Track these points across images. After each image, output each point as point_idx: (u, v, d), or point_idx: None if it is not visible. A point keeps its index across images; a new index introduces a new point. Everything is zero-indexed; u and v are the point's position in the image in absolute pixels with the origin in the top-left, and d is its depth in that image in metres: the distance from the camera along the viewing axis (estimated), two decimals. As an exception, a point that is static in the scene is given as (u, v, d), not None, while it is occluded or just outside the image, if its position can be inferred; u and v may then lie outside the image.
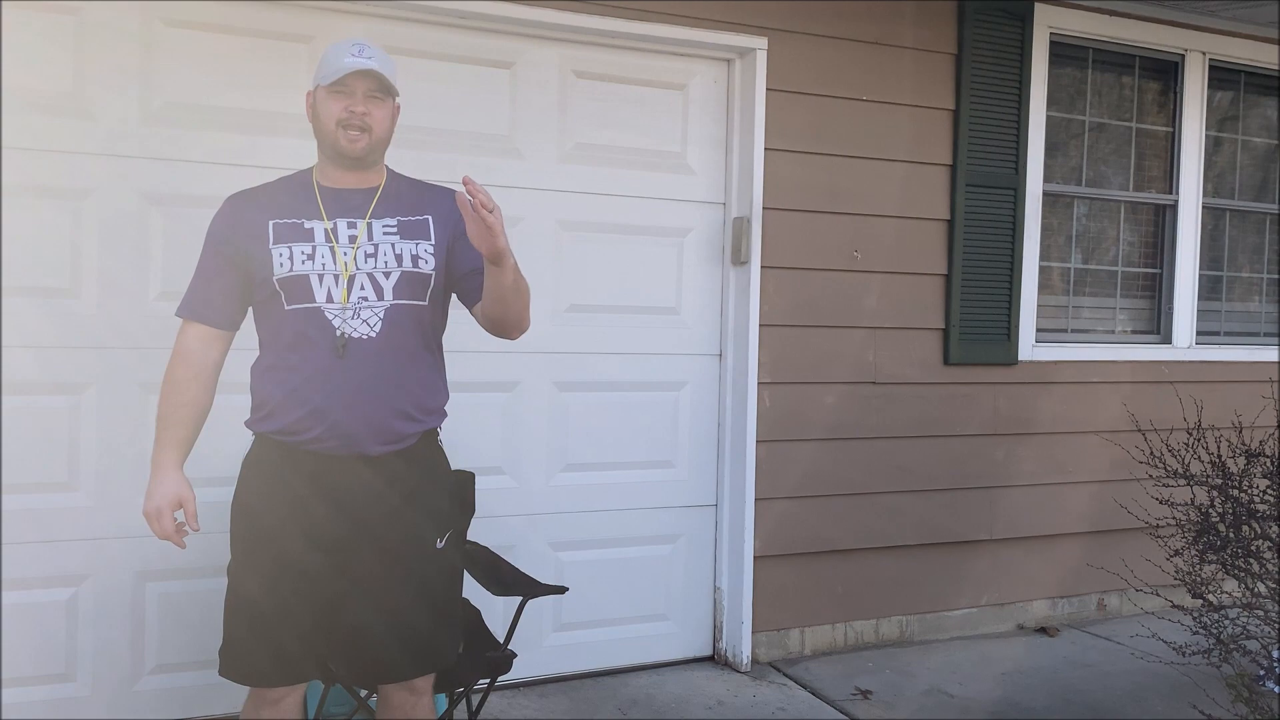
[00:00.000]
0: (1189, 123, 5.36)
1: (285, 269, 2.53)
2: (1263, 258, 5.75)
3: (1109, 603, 5.30)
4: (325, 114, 2.57)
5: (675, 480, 4.45)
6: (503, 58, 4.04)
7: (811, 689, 4.27)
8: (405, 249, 2.58)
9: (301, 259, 2.53)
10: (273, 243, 2.54)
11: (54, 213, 3.47)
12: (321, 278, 2.52)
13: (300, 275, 2.52)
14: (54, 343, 3.49)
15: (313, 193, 2.62)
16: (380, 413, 2.54)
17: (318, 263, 2.53)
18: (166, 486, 2.59)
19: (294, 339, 2.54)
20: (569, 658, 4.28)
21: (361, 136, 2.56)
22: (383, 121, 2.60)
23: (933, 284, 4.74)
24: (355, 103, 2.55)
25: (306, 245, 2.54)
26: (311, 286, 2.52)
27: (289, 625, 2.54)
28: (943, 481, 4.84)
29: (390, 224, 2.60)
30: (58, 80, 3.46)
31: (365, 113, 2.55)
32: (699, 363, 4.46)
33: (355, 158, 2.59)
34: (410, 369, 2.59)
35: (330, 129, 2.57)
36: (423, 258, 2.59)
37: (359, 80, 2.55)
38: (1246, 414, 4.36)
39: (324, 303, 2.52)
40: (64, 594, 3.55)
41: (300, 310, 2.53)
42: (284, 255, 2.53)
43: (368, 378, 2.52)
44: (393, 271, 2.56)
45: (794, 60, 4.39)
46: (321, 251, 2.54)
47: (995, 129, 4.78)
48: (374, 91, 2.57)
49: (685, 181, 4.38)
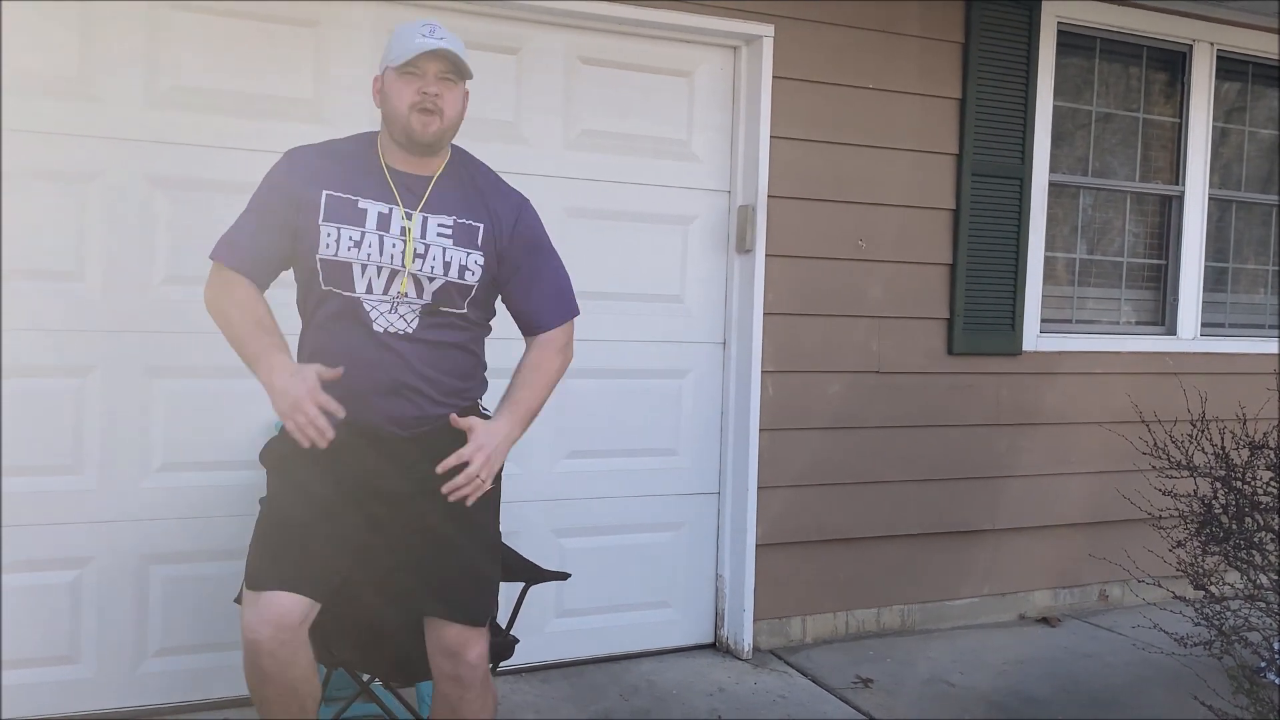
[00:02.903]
0: (1196, 113, 5.35)
1: (330, 251, 2.47)
2: (1268, 250, 5.73)
3: (1111, 593, 5.31)
4: (396, 97, 2.49)
5: (678, 468, 4.45)
6: (509, 43, 4.04)
7: (813, 677, 4.28)
8: (455, 257, 2.52)
9: (349, 245, 2.46)
10: (323, 218, 2.48)
11: (59, 196, 3.48)
12: (364, 268, 2.47)
13: (343, 261, 2.47)
14: (59, 326, 3.50)
15: (376, 168, 2.54)
16: (415, 402, 2.52)
17: (364, 251, 2.46)
18: (299, 370, 2.38)
19: (328, 322, 2.51)
20: (571, 644, 4.29)
21: (433, 119, 2.48)
22: (454, 105, 2.53)
23: (937, 273, 4.73)
24: (428, 84, 2.48)
25: (355, 230, 2.47)
26: (353, 275, 2.47)
27: (318, 545, 2.47)
28: (945, 471, 4.84)
29: (445, 224, 2.53)
30: (63, 63, 3.46)
31: (438, 94, 2.48)
32: (703, 351, 4.46)
33: (427, 143, 2.52)
34: (444, 362, 2.56)
35: (403, 112, 2.48)
36: (470, 269, 2.54)
37: (431, 61, 2.48)
38: (1250, 406, 4.36)
39: (363, 293, 2.48)
40: (68, 576, 3.56)
41: (336, 295, 2.49)
42: (331, 236, 2.46)
43: (401, 371, 2.49)
44: (437, 278, 2.51)
45: (800, 48, 4.38)
46: (370, 240, 2.47)
47: (1002, 118, 4.77)
48: (446, 73, 2.50)
49: (691, 169, 4.37)
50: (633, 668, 4.29)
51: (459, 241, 2.54)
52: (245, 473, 3.72)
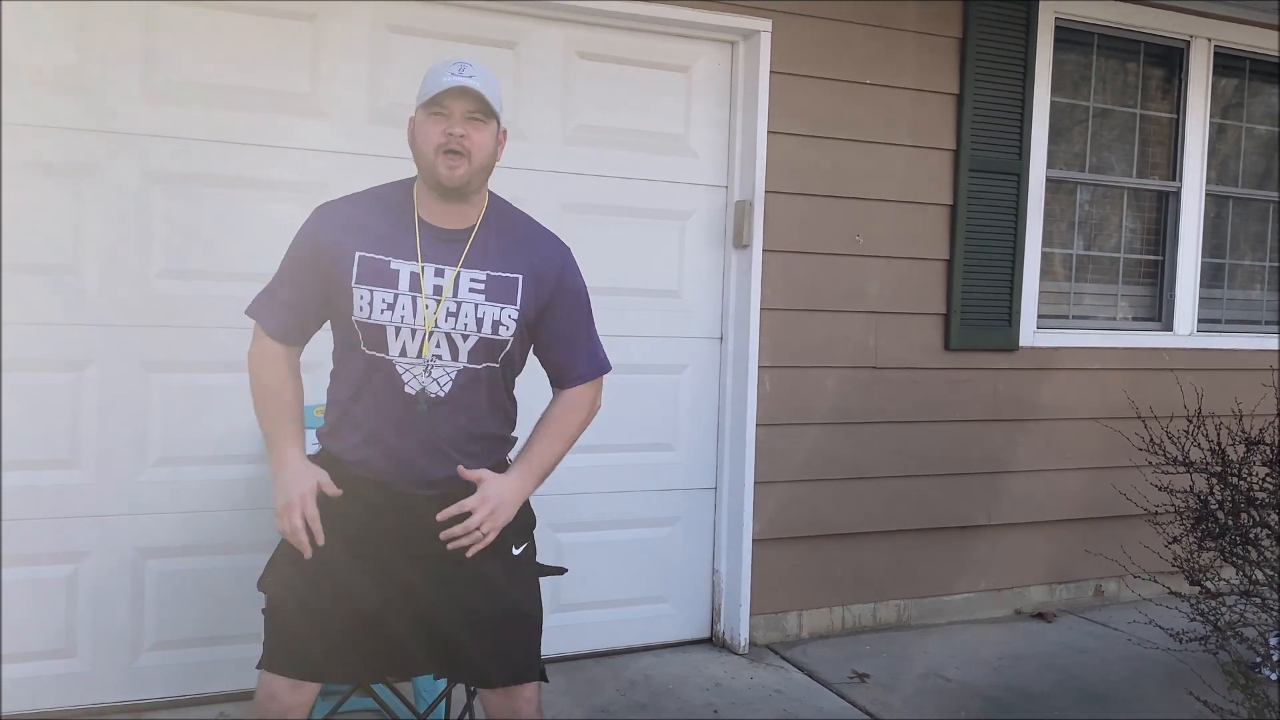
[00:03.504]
0: (1193, 109, 5.35)
1: (364, 314, 2.39)
2: (1265, 245, 5.74)
3: (1107, 589, 5.32)
4: (423, 139, 2.39)
5: (675, 463, 4.46)
6: (506, 38, 4.03)
7: (809, 672, 4.29)
8: (488, 313, 2.43)
9: (381, 308, 2.38)
10: (355, 281, 2.39)
11: (55, 189, 3.47)
12: (399, 330, 2.39)
13: (377, 325, 2.39)
14: (56, 320, 3.49)
15: (410, 224, 2.45)
16: (446, 462, 2.45)
17: (396, 314, 2.38)
18: (302, 473, 2.43)
19: (362, 382, 2.44)
20: (568, 638, 4.29)
21: (460, 162, 2.36)
22: (484, 146, 2.40)
23: (935, 269, 4.73)
24: (453, 124, 2.36)
25: (389, 293, 2.39)
26: (387, 338, 2.40)
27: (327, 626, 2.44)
28: (942, 466, 4.84)
29: (479, 280, 2.43)
30: (60, 56, 3.45)
31: (464, 135, 2.36)
32: (700, 346, 4.46)
33: (454, 188, 2.39)
34: (477, 425, 2.49)
35: (429, 155, 2.38)
36: (504, 324, 2.44)
37: (457, 100, 2.36)
38: (1247, 401, 4.37)
39: (396, 356, 2.40)
40: (65, 570, 3.56)
41: (371, 357, 2.42)
42: (364, 299, 2.38)
43: (433, 434, 2.43)
44: (471, 335, 2.42)
45: (798, 43, 4.38)
46: (403, 302, 2.39)
47: (999, 114, 4.77)
48: (474, 113, 2.38)
49: (688, 164, 4.37)
50: (630, 662, 4.30)
51: (491, 296, 2.44)
52: (242, 467, 3.72)
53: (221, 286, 3.68)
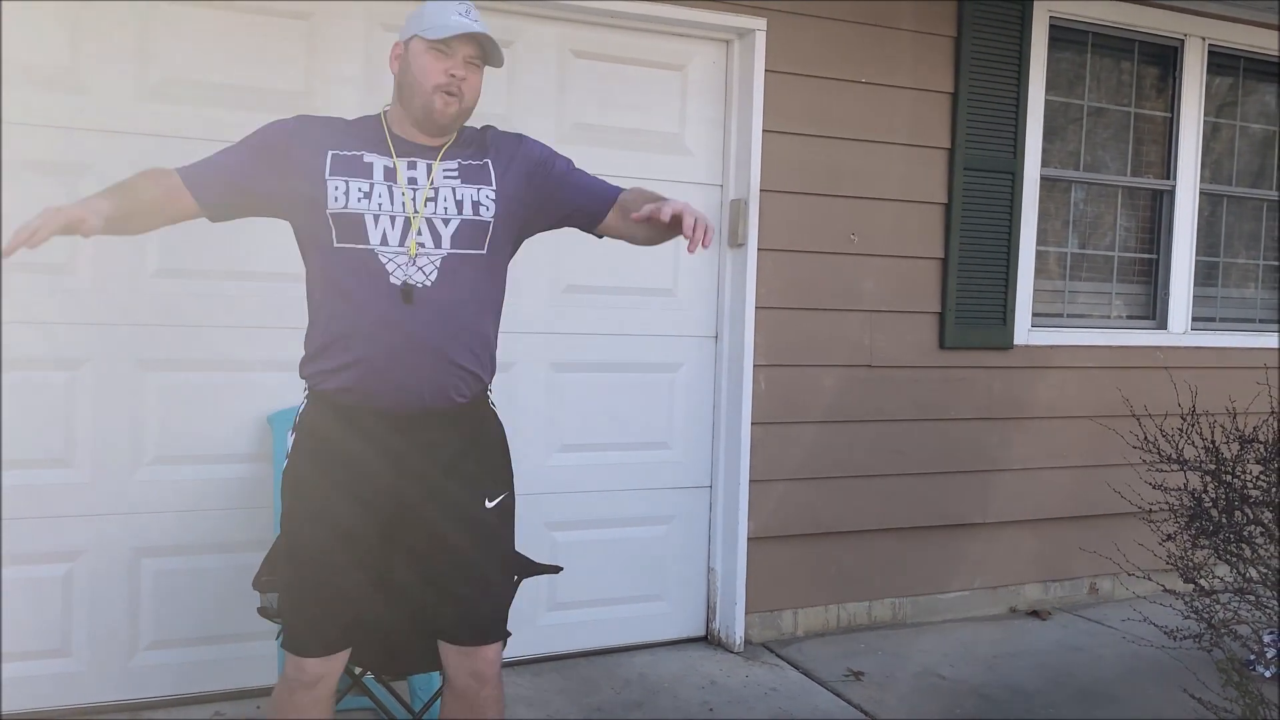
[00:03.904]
0: (1187, 108, 5.36)
1: (340, 204, 2.38)
2: (1259, 244, 5.75)
3: (1101, 586, 5.33)
4: (421, 72, 2.43)
5: (670, 461, 4.46)
6: (501, 36, 3.98)
7: (804, 670, 4.29)
8: (466, 194, 2.46)
9: (358, 196, 2.39)
10: (329, 174, 2.41)
11: (50, 188, 3.45)
12: (377, 218, 2.38)
13: (355, 213, 2.38)
14: (50, 318, 3.49)
15: (381, 131, 2.50)
16: (433, 365, 2.42)
17: (374, 201, 2.39)
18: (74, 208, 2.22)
19: (344, 281, 2.40)
20: (563, 637, 4.29)
21: (454, 102, 2.44)
22: (475, 89, 2.49)
23: (929, 267, 4.74)
24: (456, 66, 2.43)
25: (364, 182, 2.40)
26: (366, 227, 2.38)
27: (333, 593, 2.45)
28: (937, 465, 4.85)
29: (451, 167, 2.48)
30: (54, 55, 3.45)
31: (464, 78, 2.44)
32: (695, 344, 4.47)
33: (444, 125, 2.47)
34: (465, 321, 2.46)
35: (426, 89, 2.43)
36: (484, 204, 2.47)
37: (463, 44, 2.43)
38: (1241, 399, 4.37)
39: (378, 245, 2.38)
40: (60, 569, 3.56)
41: (351, 250, 2.38)
42: (340, 189, 2.39)
43: (421, 328, 2.39)
44: (452, 219, 2.43)
45: (793, 42, 4.38)
46: (379, 190, 2.41)
47: (994, 113, 4.78)
48: (474, 58, 2.46)
49: (683, 163, 4.37)
50: (625, 661, 4.30)
51: (466, 179, 2.48)
52: (238, 465, 3.72)
53: (217, 285, 3.68)
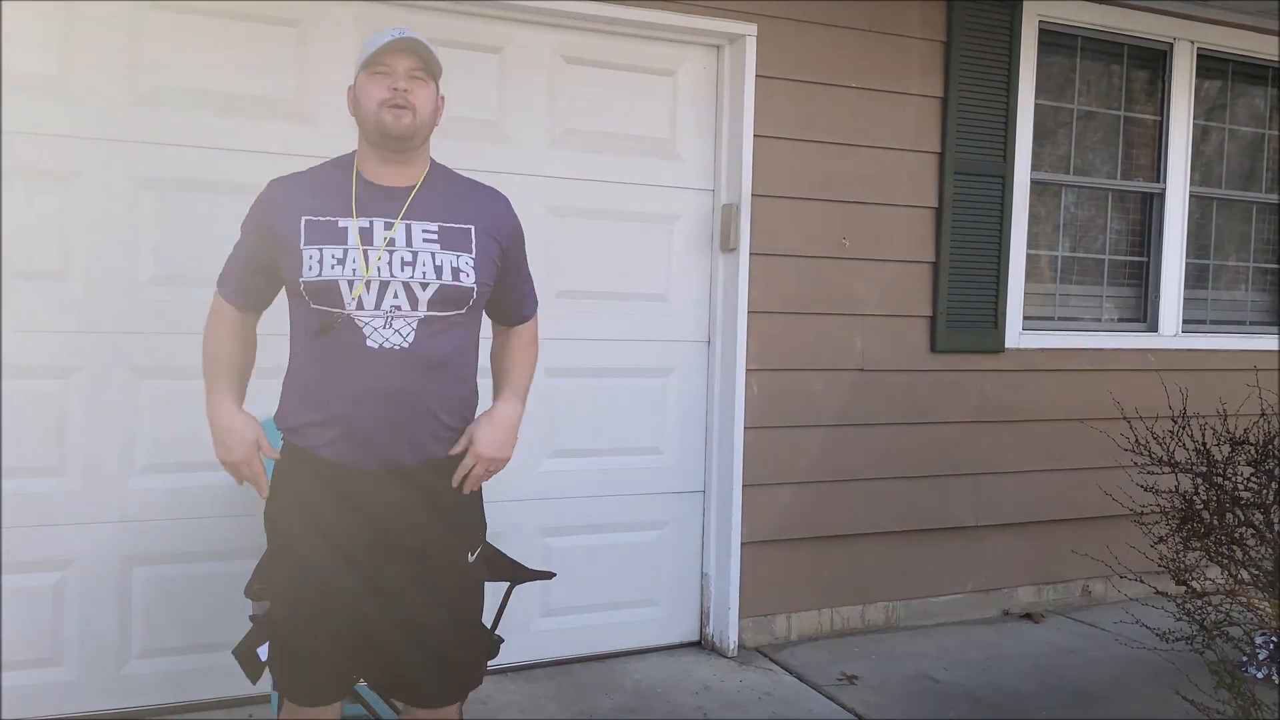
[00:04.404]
0: (1177, 111, 5.37)
1: (314, 273, 2.38)
2: (1249, 246, 5.77)
3: (1094, 589, 5.33)
4: (366, 97, 2.43)
5: (663, 466, 4.46)
6: (492, 42, 4.03)
7: (798, 674, 4.29)
8: (446, 260, 2.43)
9: (331, 263, 2.38)
10: (304, 243, 2.40)
11: (42, 195, 3.46)
12: (351, 284, 2.37)
13: (329, 280, 2.37)
14: (43, 326, 3.48)
15: (350, 185, 2.47)
16: (410, 427, 2.43)
17: (348, 268, 2.37)
18: (240, 430, 2.51)
19: (321, 347, 2.41)
20: (557, 643, 4.29)
21: (405, 113, 2.41)
22: (427, 103, 2.46)
23: (921, 271, 4.75)
24: (397, 80, 2.41)
25: (338, 249, 2.39)
26: (341, 293, 2.37)
27: (325, 647, 2.46)
28: (930, 468, 4.86)
29: (431, 230, 2.45)
30: (45, 63, 3.44)
31: (408, 90, 2.41)
32: (687, 349, 4.47)
33: (400, 136, 2.42)
34: (445, 379, 2.46)
35: (372, 110, 2.42)
36: (464, 271, 2.44)
37: (399, 57, 2.42)
38: (1231, 402, 4.39)
39: (354, 310, 2.37)
40: (51, 578, 3.55)
41: (326, 313, 2.39)
42: (314, 258, 2.38)
43: (397, 389, 2.38)
44: (430, 284, 2.40)
45: (783, 47, 4.39)
46: (353, 255, 2.38)
47: (984, 117, 4.79)
48: (416, 71, 2.44)
49: (675, 168, 4.38)
50: (618, 666, 4.30)
51: (447, 245, 2.45)
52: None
53: (210, 292, 3.64)
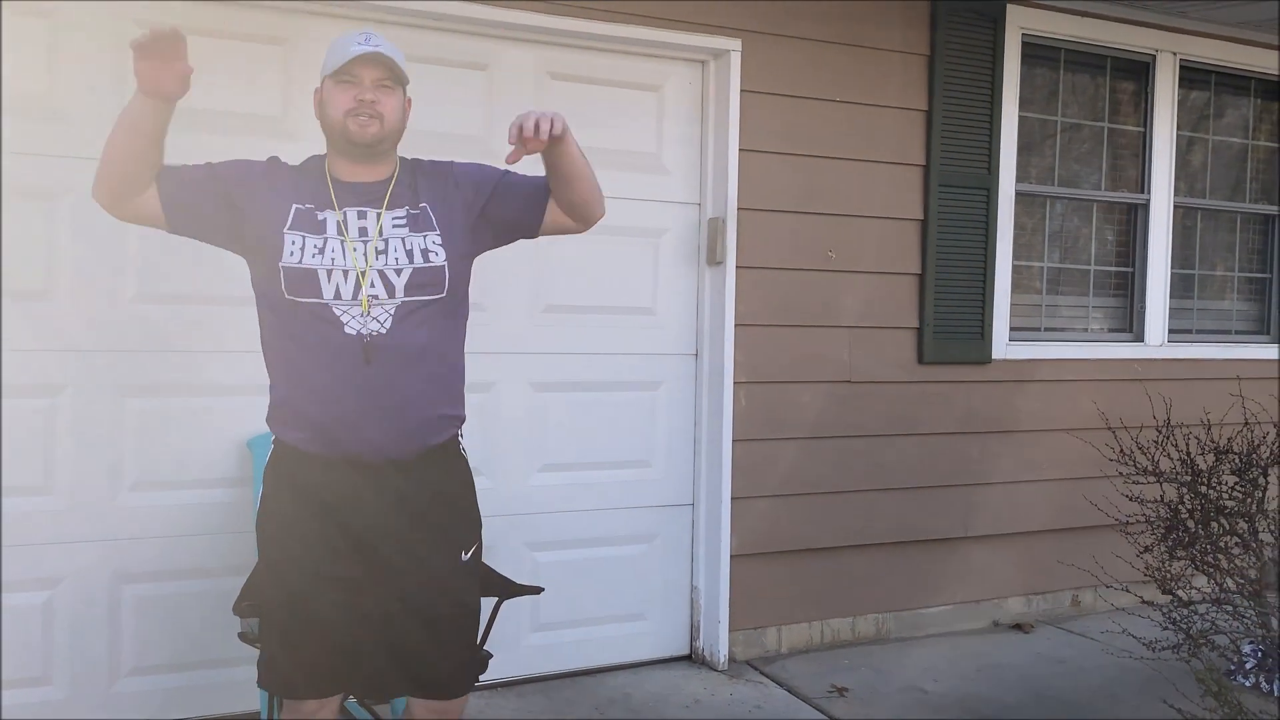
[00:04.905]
0: (1160, 122, 5.41)
1: (294, 259, 2.42)
2: (1234, 255, 5.80)
3: (1083, 599, 5.34)
4: (332, 105, 2.47)
5: (652, 480, 4.47)
6: (478, 59, 4.05)
7: (788, 687, 4.29)
8: (415, 243, 2.47)
9: (312, 252, 2.43)
10: (288, 227, 2.45)
11: (28, 214, 3.46)
12: (330, 273, 2.42)
13: (308, 269, 2.42)
14: (28, 345, 3.48)
15: (325, 181, 2.52)
16: (395, 415, 2.44)
17: (327, 257, 2.42)
18: None
19: (299, 335, 2.45)
20: (547, 658, 4.29)
21: (372, 123, 2.44)
22: (394, 111, 2.49)
23: (907, 283, 4.77)
24: (363, 91, 2.44)
25: (318, 238, 2.44)
26: (319, 282, 2.42)
27: (318, 638, 2.47)
28: (918, 480, 4.87)
29: (399, 217, 2.50)
30: (30, 82, 3.45)
31: (375, 101, 2.45)
32: (675, 363, 4.48)
33: (365, 145, 2.47)
34: (429, 364, 2.49)
35: (338, 119, 2.46)
36: (432, 250, 2.48)
37: (366, 68, 2.45)
38: (1216, 411, 4.39)
39: (331, 299, 2.41)
40: (40, 597, 3.54)
41: (304, 304, 2.43)
42: (295, 244, 2.43)
43: (380, 377, 2.42)
44: (404, 268, 2.45)
45: (768, 62, 4.41)
46: (332, 245, 2.44)
47: (968, 130, 4.82)
48: (383, 80, 2.47)
49: (661, 182, 4.40)
50: (608, 681, 4.30)
51: (414, 228, 2.49)
52: (218, 490, 3.72)
53: (198, 309, 3.68)
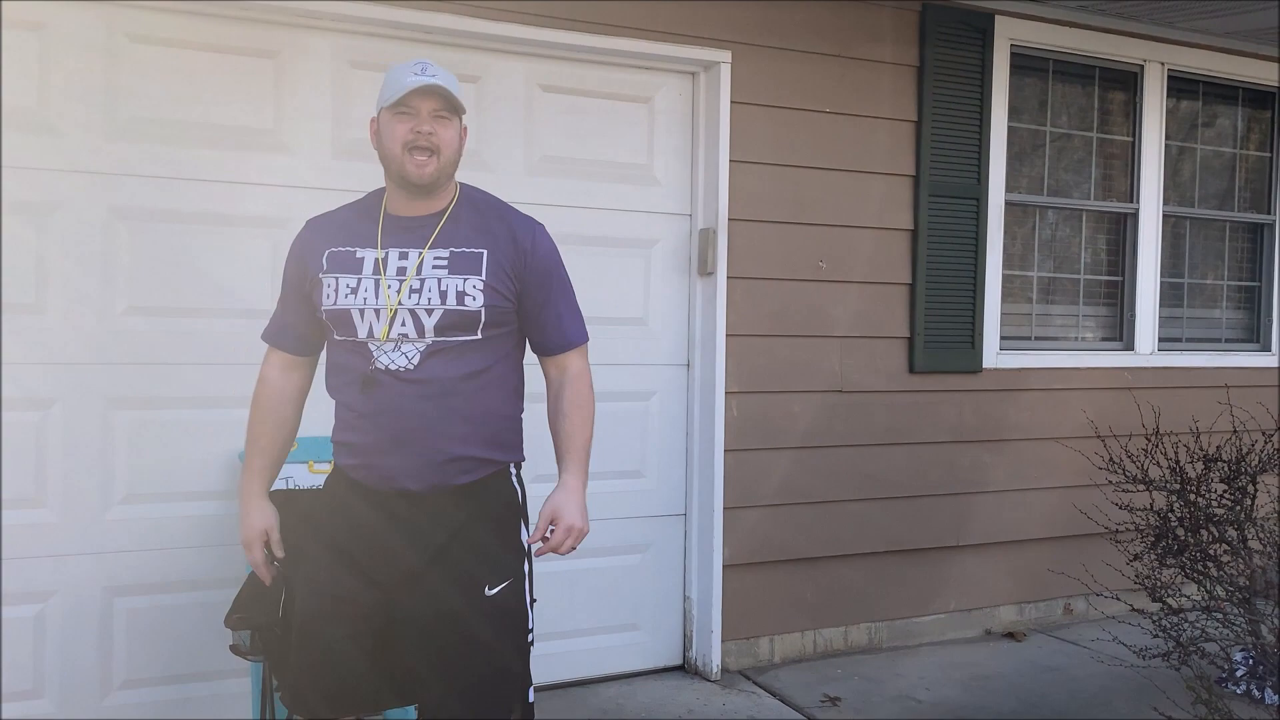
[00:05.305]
0: (1149, 132, 5.44)
1: (330, 301, 2.47)
2: (1223, 264, 5.83)
3: (1075, 607, 5.36)
4: (389, 138, 2.46)
5: (644, 490, 4.47)
6: (470, 71, 4.06)
7: (781, 697, 4.30)
8: (451, 285, 2.45)
9: (346, 292, 2.46)
10: (323, 271, 2.49)
11: (18, 228, 3.46)
12: (363, 312, 2.44)
13: (343, 309, 2.46)
14: (20, 358, 3.48)
15: (376, 218, 2.53)
16: (412, 450, 2.45)
17: (359, 297, 2.45)
18: (253, 518, 2.61)
19: (342, 370, 2.51)
20: (539, 669, 4.23)
21: (429, 160, 2.44)
22: (451, 143, 2.48)
23: (897, 293, 4.78)
24: (421, 123, 2.44)
25: (352, 278, 2.46)
26: (354, 321, 2.45)
27: (323, 654, 2.47)
28: (909, 489, 4.88)
29: (442, 257, 2.47)
30: (21, 95, 3.45)
31: (432, 133, 2.44)
32: (667, 373, 4.49)
33: (422, 185, 2.47)
34: (448, 407, 2.46)
35: (396, 153, 2.45)
36: (469, 294, 2.45)
37: (423, 99, 2.44)
38: (1205, 419, 4.42)
39: (365, 337, 2.45)
40: (31, 610, 3.54)
41: (346, 342, 2.48)
42: (331, 287, 2.47)
43: (400, 412, 2.44)
44: (435, 309, 2.44)
45: (758, 73, 4.43)
46: (366, 285, 2.46)
47: (957, 140, 4.84)
48: (440, 111, 2.46)
49: (652, 193, 4.41)
50: (601, 691, 4.30)
51: (455, 269, 2.47)
52: (209, 503, 3.72)
53: (188, 322, 3.68)
